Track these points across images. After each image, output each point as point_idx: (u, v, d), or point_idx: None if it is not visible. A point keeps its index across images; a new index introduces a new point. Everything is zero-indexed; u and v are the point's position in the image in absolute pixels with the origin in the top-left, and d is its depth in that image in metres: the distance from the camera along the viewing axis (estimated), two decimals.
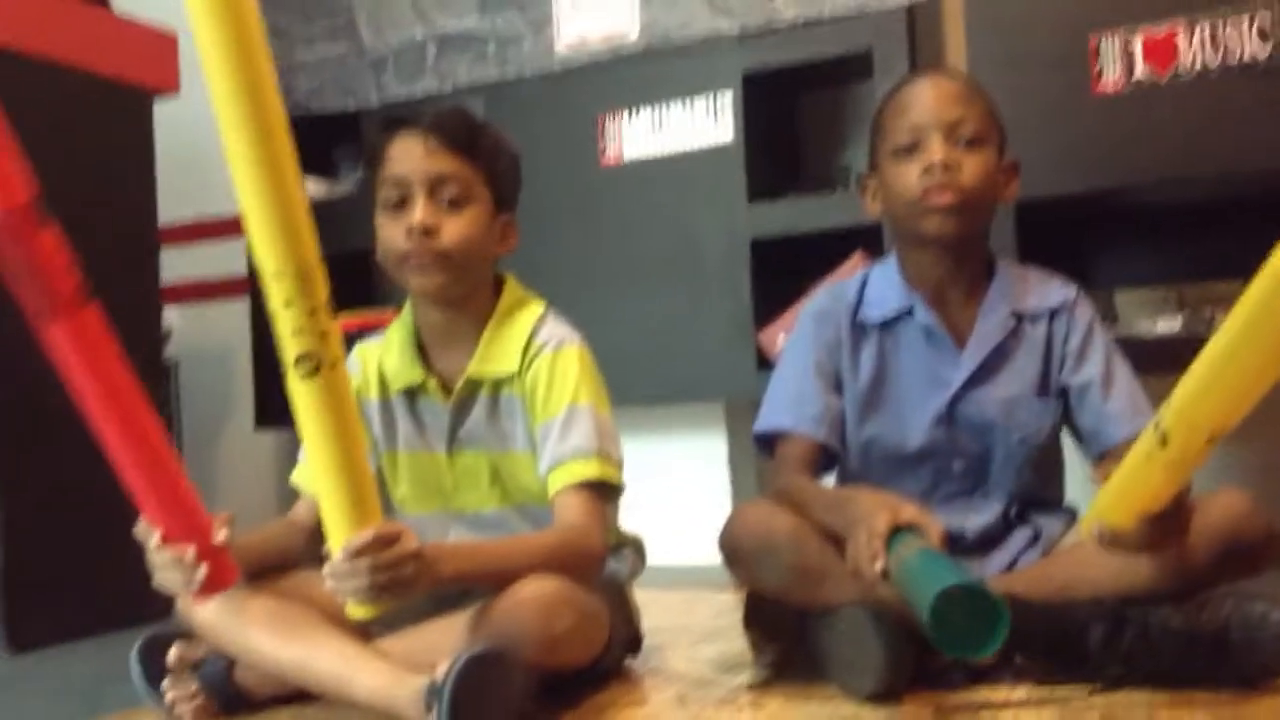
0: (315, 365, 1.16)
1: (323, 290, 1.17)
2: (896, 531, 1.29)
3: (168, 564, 1.29)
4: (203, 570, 1.28)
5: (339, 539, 1.22)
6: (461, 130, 1.51)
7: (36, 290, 1.15)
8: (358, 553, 1.21)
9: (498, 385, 1.55)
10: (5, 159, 1.14)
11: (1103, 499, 1.30)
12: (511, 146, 1.60)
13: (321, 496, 1.24)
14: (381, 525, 1.23)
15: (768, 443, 1.63)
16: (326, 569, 1.24)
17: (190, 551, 1.28)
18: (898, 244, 1.65)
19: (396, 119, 1.54)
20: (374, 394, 1.61)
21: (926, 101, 1.54)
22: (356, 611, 1.26)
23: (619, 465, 1.52)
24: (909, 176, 1.53)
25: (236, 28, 1.08)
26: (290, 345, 1.16)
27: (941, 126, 1.52)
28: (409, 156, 1.49)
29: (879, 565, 1.25)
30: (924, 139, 1.53)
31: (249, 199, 1.14)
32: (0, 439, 2.17)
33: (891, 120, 1.58)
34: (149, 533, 1.29)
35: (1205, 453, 1.18)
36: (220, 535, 1.31)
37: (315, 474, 1.23)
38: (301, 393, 1.18)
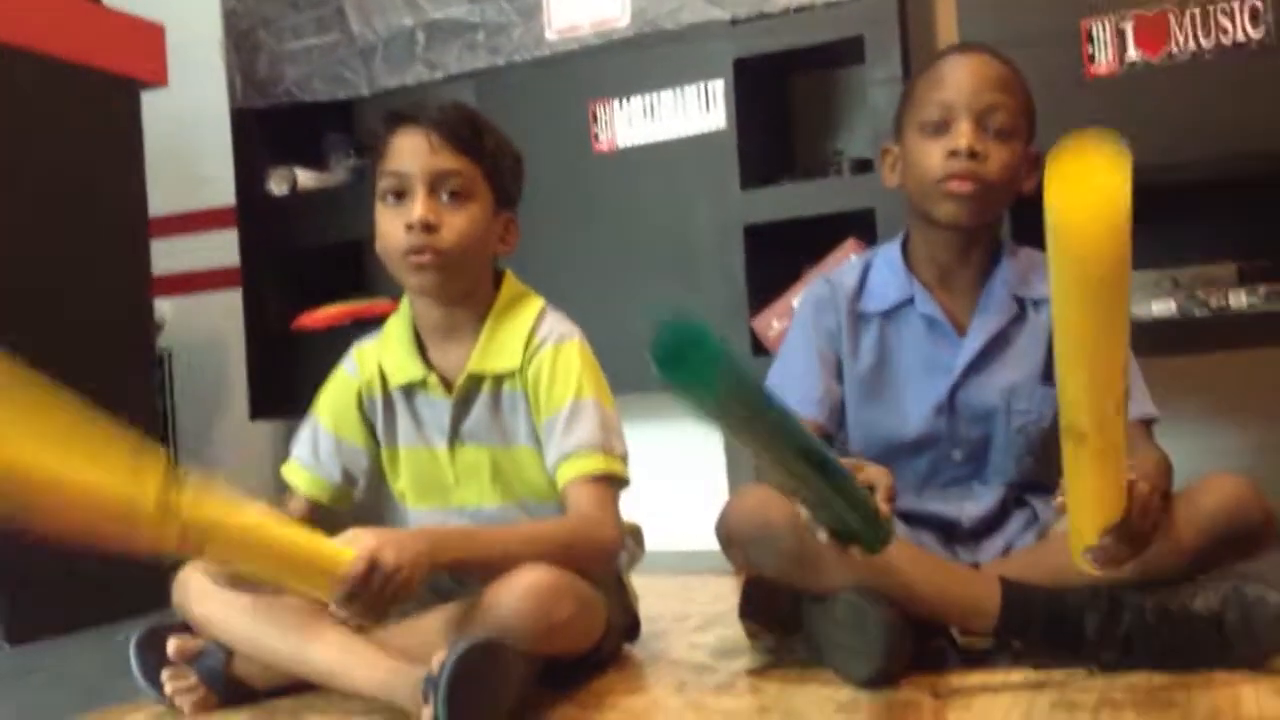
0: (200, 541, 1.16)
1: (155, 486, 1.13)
2: None
3: None
4: None
5: (324, 593, 1.25)
6: (464, 127, 1.51)
7: None
8: (346, 601, 1.23)
9: (499, 381, 1.55)
10: None
11: (1071, 532, 1.28)
12: (514, 146, 1.59)
13: (288, 584, 1.28)
14: (349, 565, 1.22)
15: None
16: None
17: None
18: (909, 220, 1.62)
19: (399, 112, 1.53)
20: (376, 391, 1.60)
21: (963, 82, 1.49)
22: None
23: (624, 459, 1.52)
24: (933, 156, 1.49)
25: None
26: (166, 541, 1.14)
27: (974, 111, 1.48)
28: (411, 151, 1.49)
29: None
30: (954, 120, 1.48)
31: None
32: None
33: (924, 93, 1.52)
34: None
35: (1120, 424, 1.16)
36: None
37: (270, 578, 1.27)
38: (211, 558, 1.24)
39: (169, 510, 1.10)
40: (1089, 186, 1.01)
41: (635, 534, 1.69)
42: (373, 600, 1.23)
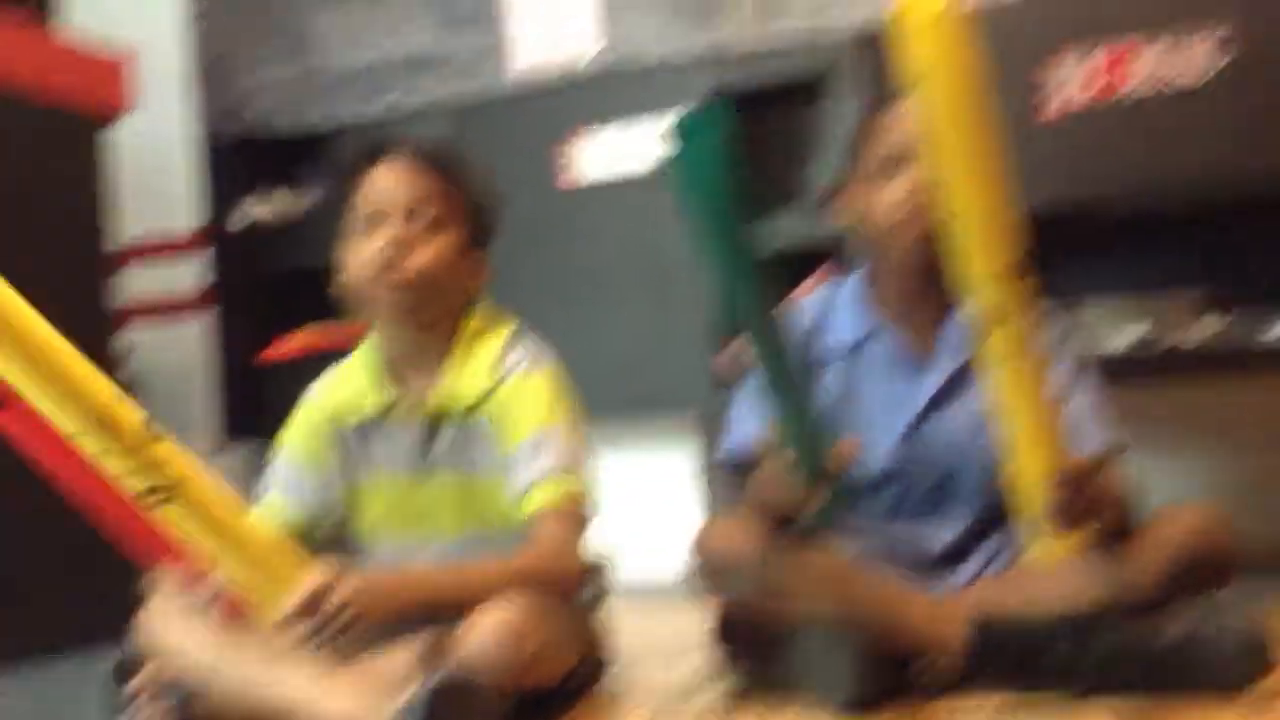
0: (167, 495, 1.24)
1: (132, 422, 1.23)
2: None
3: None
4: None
5: (273, 601, 1.27)
6: (445, 161, 1.53)
7: None
8: (297, 615, 1.25)
9: (468, 408, 1.54)
10: None
11: (1023, 495, 1.39)
12: (491, 189, 1.60)
13: (243, 587, 1.31)
14: (309, 581, 1.25)
15: (736, 468, 1.61)
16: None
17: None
18: (871, 258, 1.63)
19: (381, 144, 1.54)
20: (342, 422, 1.59)
21: (910, 123, 1.50)
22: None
23: (590, 491, 1.51)
24: (892, 197, 1.52)
25: None
26: (134, 484, 1.24)
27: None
28: (391, 179, 1.51)
29: None
30: (908, 160, 1.50)
31: None
32: None
33: (877, 136, 1.55)
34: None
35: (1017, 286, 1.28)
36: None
37: (225, 568, 1.31)
38: (171, 519, 1.27)
39: (144, 443, 1.20)
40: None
41: (605, 564, 1.68)
42: (316, 627, 1.23)
